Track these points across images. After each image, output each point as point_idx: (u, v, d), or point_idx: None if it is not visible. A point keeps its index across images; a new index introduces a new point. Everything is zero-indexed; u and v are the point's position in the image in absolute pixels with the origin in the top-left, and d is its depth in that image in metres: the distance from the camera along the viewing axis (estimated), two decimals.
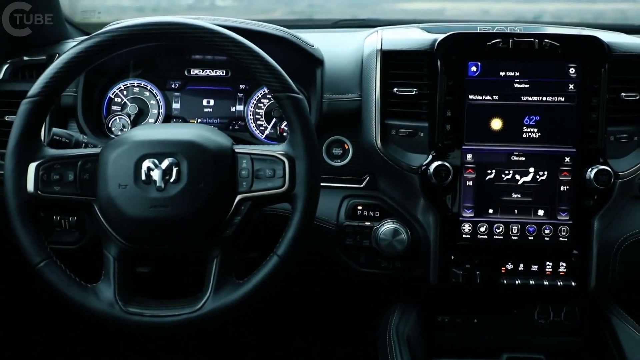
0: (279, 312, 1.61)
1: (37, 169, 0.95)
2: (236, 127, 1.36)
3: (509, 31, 1.19)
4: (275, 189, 0.98)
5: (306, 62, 1.27)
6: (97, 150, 1.00)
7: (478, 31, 1.18)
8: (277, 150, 1.00)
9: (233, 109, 1.37)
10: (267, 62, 0.99)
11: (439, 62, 1.15)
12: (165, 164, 0.96)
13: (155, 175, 0.95)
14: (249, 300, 0.97)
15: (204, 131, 1.02)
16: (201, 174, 0.96)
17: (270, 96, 1.33)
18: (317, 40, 1.33)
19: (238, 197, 0.99)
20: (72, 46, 0.97)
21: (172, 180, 0.95)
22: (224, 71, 1.37)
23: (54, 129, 1.12)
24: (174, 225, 0.96)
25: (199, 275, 0.99)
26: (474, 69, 1.16)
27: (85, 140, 1.14)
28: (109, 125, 1.34)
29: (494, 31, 1.19)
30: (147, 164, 0.96)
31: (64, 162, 0.97)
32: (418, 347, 1.20)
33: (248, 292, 0.97)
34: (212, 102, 1.37)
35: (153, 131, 1.02)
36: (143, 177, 0.95)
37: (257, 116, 1.35)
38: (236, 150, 1.01)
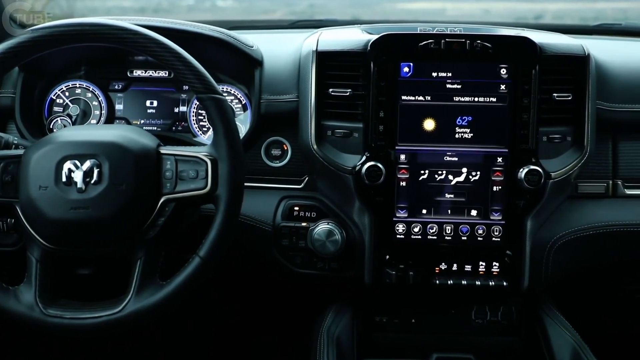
0: (229, 310, 1.62)
1: None
2: (179, 128, 1.36)
3: (440, 32, 1.19)
4: (198, 190, 0.99)
5: (245, 63, 1.27)
6: (20, 151, 1.00)
7: (410, 32, 1.18)
8: (201, 151, 1.00)
9: (176, 110, 1.37)
10: (189, 63, 0.99)
11: (371, 63, 1.15)
12: (86, 165, 0.96)
13: (76, 176, 0.95)
14: (171, 302, 0.97)
15: (129, 132, 1.02)
16: (123, 175, 0.96)
17: None
18: (262, 41, 1.33)
19: (162, 199, 0.99)
20: None
21: (93, 181, 0.95)
22: (167, 72, 1.37)
23: None
24: (95, 226, 0.96)
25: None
26: (406, 69, 1.16)
27: (16, 142, 1.13)
28: (50, 127, 1.33)
29: (426, 32, 1.19)
30: (68, 165, 0.96)
31: None
32: (348, 348, 1.20)
33: (169, 293, 0.97)
34: (155, 103, 1.37)
35: (76, 132, 1.02)
36: (64, 179, 0.95)
37: (199, 117, 1.35)
38: (161, 151, 1.01)
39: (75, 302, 0.99)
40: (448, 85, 1.16)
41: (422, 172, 1.17)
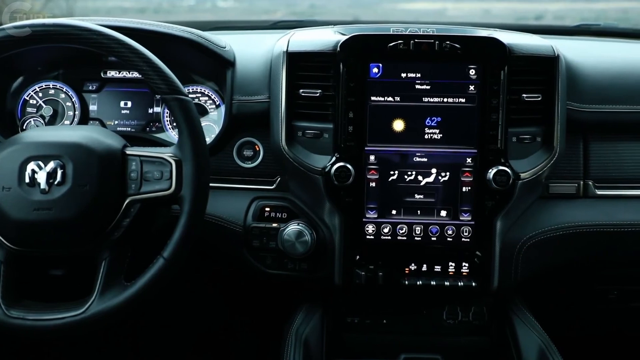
0: (203, 312, 1.62)
1: None
2: (153, 128, 1.36)
3: (412, 32, 1.19)
4: (163, 191, 0.99)
5: (217, 64, 1.27)
6: None
7: (379, 33, 1.17)
8: (166, 152, 1.00)
9: (150, 111, 1.37)
10: (153, 63, 0.99)
11: (341, 64, 1.15)
12: (50, 166, 0.96)
13: (40, 177, 0.95)
14: (134, 303, 0.97)
15: (94, 133, 1.02)
16: (87, 176, 0.96)
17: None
18: (236, 42, 1.33)
19: (127, 200, 0.99)
20: None
21: (56, 182, 0.95)
22: None
23: None
24: (58, 227, 0.96)
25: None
26: (375, 70, 1.16)
27: None
28: (24, 127, 1.33)
29: (397, 32, 1.19)
30: (31, 166, 0.96)
31: None
32: (317, 348, 1.20)
33: (133, 294, 0.97)
34: (129, 103, 1.37)
35: (41, 133, 1.02)
36: (27, 180, 0.95)
37: (172, 117, 1.35)
38: (126, 152, 1.01)
39: (39, 304, 0.99)
40: (417, 86, 1.16)
41: (392, 172, 1.17)
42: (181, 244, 0.97)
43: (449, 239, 1.17)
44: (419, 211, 1.17)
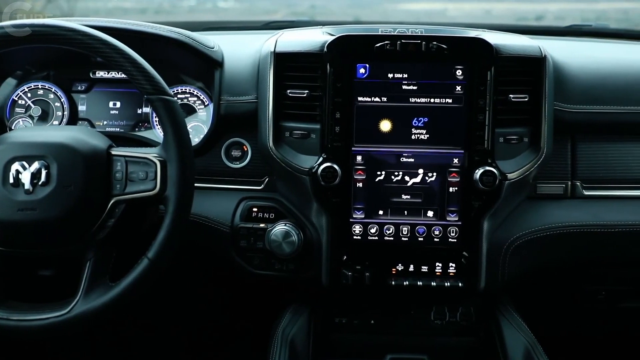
0: (192, 313, 1.62)
1: None
2: (142, 128, 1.36)
3: (400, 33, 1.19)
4: (148, 191, 0.99)
5: (205, 64, 1.27)
6: None
7: (366, 33, 1.17)
8: (151, 153, 1.00)
9: (139, 111, 1.37)
10: (138, 64, 0.99)
11: (328, 64, 1.15)
12: (34, 166, 0.96)
13: (24, 177, 0.95)
14: (119, 303, 0.97)
15: (79, 134, 1.02)
16: (71, 177, 0.96)
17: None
18: (226, 43, 1.33)
19: (112, 200, 0.99)
20: None
21: (41, 183, 0.95)
22: None
23: None
24: (43, 228, 0.96)
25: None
26: (362, 70, 1.16)
27: None
28: (12, 128, 1.33)
29: (386, 33, 1.19)
30: (16, 166, 0.96)
31: None
32: (303, 348, 1.20)
33: (118, 294, 0.97)
34: (118, 104, 1.37)
35: (26, 133, 1.02)
36: (11, 180, 0.95)
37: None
38: (112, 152, 1.01)
39: (24, 304, 0.99)
40: (404, 87, 1.16)
41: (379, 173, 1.17)
42: (165, 245, 0.97)
43: (435, 239, 1.17)
44: (405, 211, 1.17)
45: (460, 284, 1.16)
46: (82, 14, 2.44)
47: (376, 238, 1.17)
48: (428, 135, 1.16)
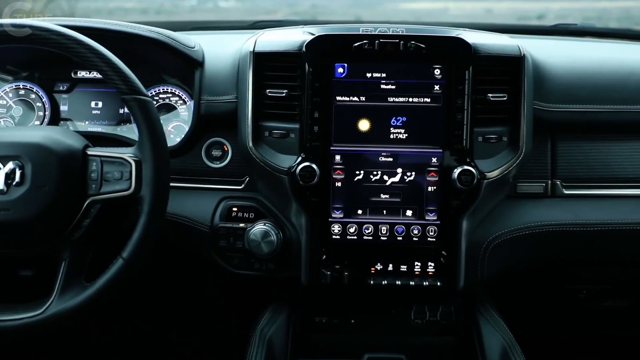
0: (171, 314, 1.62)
1: None
2: (124, 128, 1.36)
3: (381, 32, 1.19)
4: (123, 191, 0.99)
5: (185, 64, 1.27)
6: None
7: (344, 33, 1.17)
8: (126, 152, 1.00)
9: (121, 111, 1.36)
10: (113, 63, 0.99)
11: (306, 64, 1.15)
12: (8, 166, 0.96)
13: None
14: (94, 303, 0.97)
15: (54, 133, 1.02)
16: (46, 177, 0.96)
17: (157, 98, 1.33)
18: (207, 42, 1.33)
19: (87, 200, 0.99)
20: None
21: (15, 183, 0.95)
22: None
23: None
24: (17, 228, 0.96)
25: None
26: (340, 70, 1.16)
27: None
28: None
29: (366, 32, 1.19)
30: None
31: None
32: (281, 348, 1.20)
33: (92, 294, 0.97)
34: (100, 104, 1.37)
35: (1, 133, 1.02)
36: None
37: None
38: (87, 152, 1.01)
39: None
40: (382, 86, 1.16)
41: (357, 172, 1.17)
42: (140, 245, 0.97)
43: (414, 238, 1.17)
44: (384, 211, 1.17)
45: (439, 283, 1.16)
46: (82, 14, 2.44)
47: (355, 237, 1.17)
48: (407, 135, 1.16)
